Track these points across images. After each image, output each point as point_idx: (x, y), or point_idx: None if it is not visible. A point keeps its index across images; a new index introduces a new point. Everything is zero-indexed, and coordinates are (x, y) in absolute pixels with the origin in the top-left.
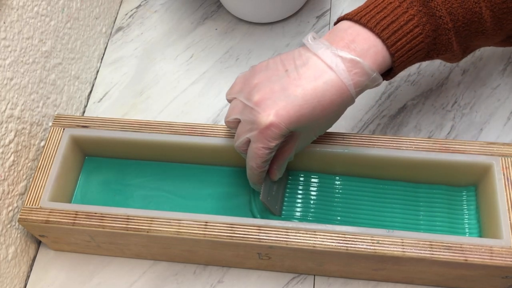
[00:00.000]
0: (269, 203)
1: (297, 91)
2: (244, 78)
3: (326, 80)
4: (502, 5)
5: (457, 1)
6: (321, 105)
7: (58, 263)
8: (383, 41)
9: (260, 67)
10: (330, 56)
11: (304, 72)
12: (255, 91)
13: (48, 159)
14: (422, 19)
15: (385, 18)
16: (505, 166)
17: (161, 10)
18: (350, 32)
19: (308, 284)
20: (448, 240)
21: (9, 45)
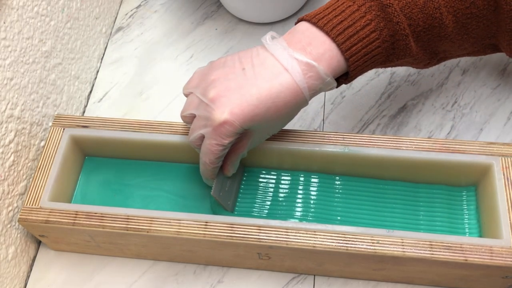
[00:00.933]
0: (221, 199)
1: (253, 90)
2: (202, 73)
3: (281, 82)
4: (466, 11)
5: (417, 6)
6: (275, 105)
7: (58, 263)
8: (338, 46)
9: (218, 64)
10: (286, 58)
11: (260, 72)
12: (211, 88)
13: (48, 159)
14: (379, 24)
15: (341, 23)
16: (505, 166)
17: (161, 10)
18: (307, 34)
19: (308, 284)
20: (448, 240)
21: (9, 45)
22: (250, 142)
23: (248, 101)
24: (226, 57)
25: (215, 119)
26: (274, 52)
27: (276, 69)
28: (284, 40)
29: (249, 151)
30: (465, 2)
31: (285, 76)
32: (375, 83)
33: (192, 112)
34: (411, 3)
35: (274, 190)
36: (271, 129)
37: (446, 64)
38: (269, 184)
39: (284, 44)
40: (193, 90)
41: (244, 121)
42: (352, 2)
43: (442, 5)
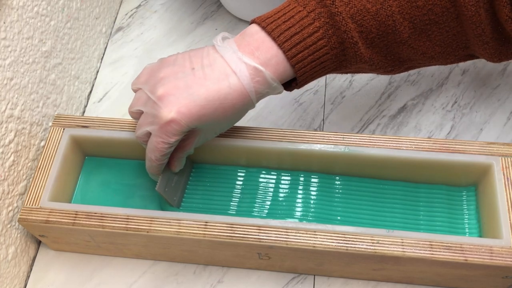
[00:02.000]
0: (166, 195)
1: (201, 91)
2: (151, 69)
3: (229, 84)
4: (423, 17)
5: (369, 14)
6: (222, 107)
7: (58, 263)
8: (284, 52)
9: (168, 61)
10: (235, 61)
11: (209, 73)
12: (160, 85)
13: (48, 159)
14: (328, 31)
15: (289, 29)
16: (505, 166)
17: (161, 10)
18: (256, 38)
19: (308, 284)
20: (448, 240)
21: (9, 45)
22: (197, 140)
23: (195, 101)
24: (177, 55)
25: (162, 117)
26: (224, 54)
27: (225, 71)
28: (234, 43)
29: (249, 151)
30: (421, 9)
31: (233, 78)
32: (375, 83)
33: (140, 109)
34: (362, 10)
35: (274, 190)
36: (218, 128)
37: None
38: (269, 184)
39: (234, 47)
40: (141, 86)
41: (191, 120)
42: (302, 8)
43: (396, 12)
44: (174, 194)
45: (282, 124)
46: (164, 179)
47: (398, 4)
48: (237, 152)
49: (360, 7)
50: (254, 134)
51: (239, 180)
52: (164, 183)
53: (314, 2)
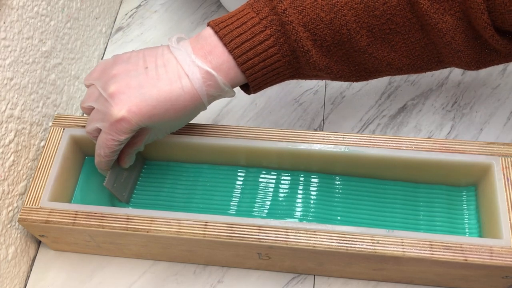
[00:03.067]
0: (115, 190)
1: (153, 91)
2: (104, 66)
3: (182, 86)
4: (383, 27)
5: (323, 22)
6: (174, 108)
7: (58, 263)
8: (234, 58)
9: (122, 58)
10: (188, 64)
11: (162, 74)
12: (112, 83)
13: (48, 159)
14: (279, 39)
15: (241, 35)
16: (505, 166)
17: (161, 10)
18: (209, 42)
19: (308, 284)
20: (448, 240)
21: (9, 45)
22: (147, 137)
23: (147, 101)
24: (131, 52)
25: (113, 115)
26: (178, 56)
27: (178, 73)
28: (189, 45)
29: (250, 152)
30: (380, 18)
31: (185, 81)
32: (375, 83)
33: (91, 105)
34: (316, 19)
35: (274, 190)
36: (169, 127)
37: None
38: (269, 184)
39: (189, 49)
40: (94, 82)
41: (141, 119)
42: (255, 14)
43: (352, 21)
44: (123, 190)
45: (282, 124)
46: (113, 174)
47: (354, 13)
48: (237, 152)
49: (314, 15)
50: (254, 134)
51: (239, 180)
52: (113, 179)
53: (267, 9)
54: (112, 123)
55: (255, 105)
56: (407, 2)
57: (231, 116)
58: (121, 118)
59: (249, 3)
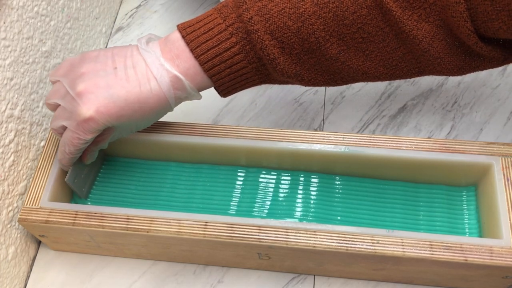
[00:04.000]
0: (75, 186)
1: (121, 92)
2: (72, 63)
3: (150, 88)
4: (355, 35)
5: (290, 31)
6: (141, 109)
7: (58, 263)
8: (200, 64)
9: (90, 56)
10: (157, 67)
11: (131, 75)
12: (80, 81)
13: (48, 159)
14: (245, 47)
15: (207, 42)
16: (505, 166)
17: (161, 10)
18: (177, 46)
19: (308, 284)
20: (448, 240)
21: (9, 45)
22: (112, 136)
23: (115, 102)
24: (100, 51)
25: (80, 114)
26: (147, 59)
27: (146, 75)
28: (158, 47)
29: (250, 152)
30: (350, 27)
31: (154, 84)
32: (375, 83)
33: (57, 102)
34: (283, 27)
35: (274, 190)
36: (134, 127)
37: None
38: (269, 184)
39: (158, 52)
40: (60, 79)
41: (108, 120)
42: (222, 20)
43: (320, 29)
44: (83, 186)
45: (282, 124)
46: (74, 170)
47: (322, 22)
48: (237, 152)
49: (280, 24)
50: (254, 134)
51: (239, 180)
52: (74, 175)
53: (233, 15)
54: (79, 122)
55: (255, 105)
56: (378, 11)
57: (231, 116)
58: (89, 118)
59: (217, 8)
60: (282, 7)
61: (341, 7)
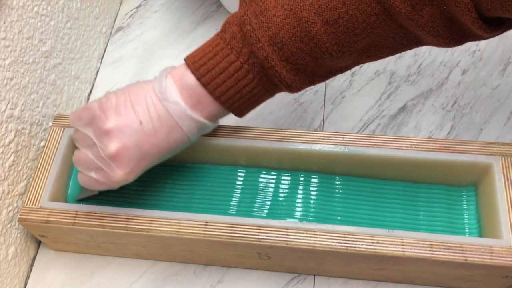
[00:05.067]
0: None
1: (152, 149)
2: (93, 115)
3: (176, 138)
4: (365, 40)
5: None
6: (169, 154)
7: (58, 263)
8: (221, 103)
9: (109, 107)
10: (182, 117)
11: (159, 129)
12: (109, 141)
13: (48, 159)
14: (262, 78)
15: (225, 83)
16: (505, 166)
17: (161, 10)
18: (196, 92)
19: (308, 284)
20: (448, 240)
21: (9, 45)
22: None
23: (147, 159)
24: (116, 97)
25: (115, 177)
26: (170, 109)
27: (172, 125)
28: (176, 91)
29: (250, 152)
30: (361, 35)
31: (180, 132)
32: (375, 83)
33: (86, 152)
34: (296, 52)
35: (274, 190)
36: None
37: (446, 64)
38: (269, 184)
39: (179, 101)
40: (84, 130)
41: (139, 174)
42: (236, 58)
43: (332, 44)
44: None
45: (282, 124)
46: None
47: (334, 38)
48: (237, 152)
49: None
50: (254, 134)
51: (239, 180)
52: (86, 194)
53: (246, 51)
54: (112, 182)
55: None
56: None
57: (231, 116)
58: (122, 180)
59: (226, 40)
60: (293, 32)
61: (351, 20)
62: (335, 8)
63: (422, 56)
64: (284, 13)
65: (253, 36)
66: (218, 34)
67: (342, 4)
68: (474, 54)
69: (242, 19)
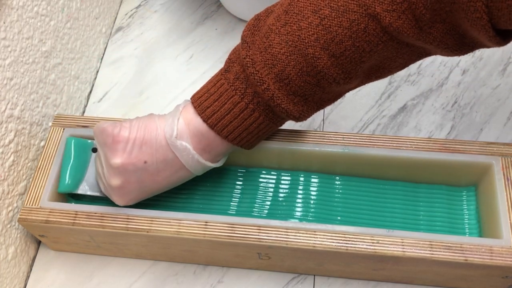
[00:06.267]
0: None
1: (153, 186)
2: (104, 141)
3: (180, 175)
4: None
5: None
6: (171, 187)
7: (58, 263)
8: (229, 141)
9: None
10: (189, 161)
11: (162, 169)
12: (113, 174)
13: (48, 159)
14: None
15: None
16: (505, 166)
17: (161, 10)
18: (206, 136)
19: (308, 284)
20: (448, 240)
21: (9, 45)
22: None
23: (145, 193)
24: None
25: (114, 200)
26: (179, 156)
27: (177, 167)
28: (189, 140)
29: (249, 151)
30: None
31: (184, 171)
32: (375, 83)
33: (100, 165)
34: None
35: (274, 190)
36: None
37: (446, 64)
38: (269, 184)
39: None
40: (98, 149)
41: (138, 201)
42: (240, 98)
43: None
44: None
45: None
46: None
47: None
48: (237, 152)
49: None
50: None
51: (239, 180)
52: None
53: (250, 91)
54: (112, 200)
55: None
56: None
57: None
58: (120, 204)
59: (230, 81)
60: (299, 68)
61: (358, 51)
62: (341, 42)
63: None
64: (289, 49)
65: (257, 78)
66: (222, 73)
67: (348, 38)
68: (474, 54)
69: (244, 62)
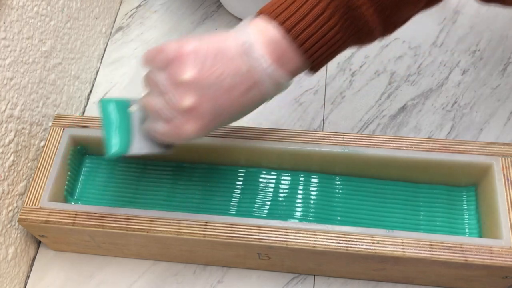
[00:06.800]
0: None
1: (229, 108)
2: (172, 57)
3: (252, 97)
4: None
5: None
6: (240, 115)
7: (58, 263)
8: (305, 52)
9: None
10: (263, 75)
11: (238, 85)
12: (184, 93)
13: (48, 159)
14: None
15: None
16: (505, 166)
17: (161, 10)
18: (280, 44)
19: (308, 284)
20: (448, 240)
21: (9, 45)
22: None
23: (220, 117)
24: (197, 44)
25: (184, 132)
26: (254, 68)
27: (251, 83)
28: (263, 49)
29: (249, 151)
30: None
31: (257, 91)
32: (375, 83)
33: (155, 97)
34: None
35: (274, 190)
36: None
37: (446, 64)
38: (269, 184)
39: (266, 57)
40: (158, 74)
41: (209, 131)
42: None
43: None
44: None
45: (282, 124)
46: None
47: None
48: (237, 152)
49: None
50: (254, 134)
51: (239, 180)
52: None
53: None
54: (180, 137)
55: None
56: None
57: None
58: (192, 136)
59: None
60: None
61: None
62: None
63: (422, 56)
64: None
65: None
66: None
67: None
68: (474, 54)
69: None
